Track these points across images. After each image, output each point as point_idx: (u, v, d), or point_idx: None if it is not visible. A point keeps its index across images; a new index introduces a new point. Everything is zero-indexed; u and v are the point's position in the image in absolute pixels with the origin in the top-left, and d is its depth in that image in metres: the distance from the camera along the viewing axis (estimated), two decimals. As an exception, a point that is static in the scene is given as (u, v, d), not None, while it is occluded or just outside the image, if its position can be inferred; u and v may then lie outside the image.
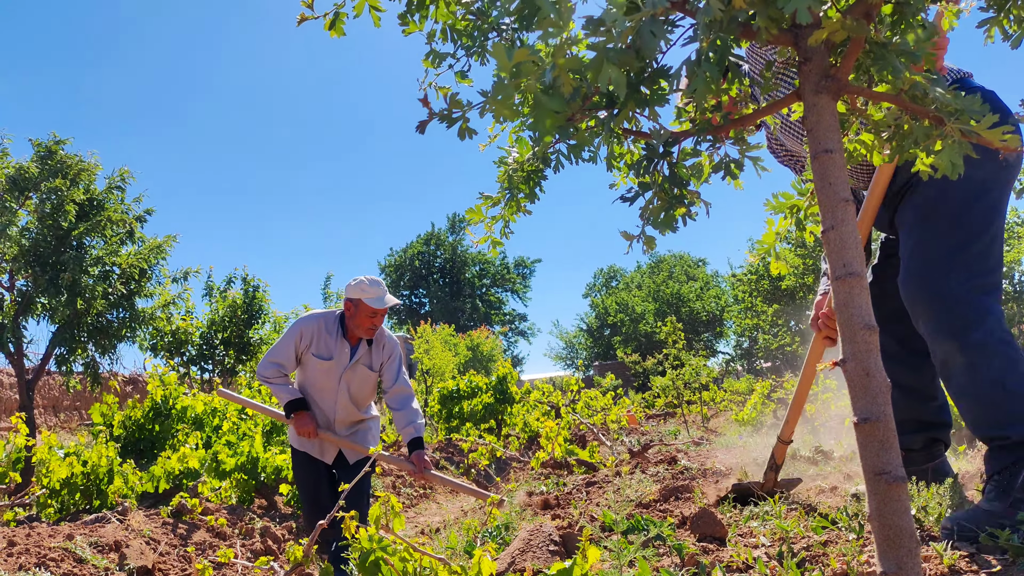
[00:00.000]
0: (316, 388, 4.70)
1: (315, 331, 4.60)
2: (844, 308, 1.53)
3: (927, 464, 3.54)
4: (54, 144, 8.52)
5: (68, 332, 8.50)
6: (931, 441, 3.55)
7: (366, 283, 4.54)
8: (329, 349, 4.61)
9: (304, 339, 4.59)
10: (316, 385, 4.69)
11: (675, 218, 1.82)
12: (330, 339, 4.62)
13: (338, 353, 4.63)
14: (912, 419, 3.51)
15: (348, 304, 4.57)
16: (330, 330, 4.63)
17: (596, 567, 2.95)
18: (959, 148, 1.62)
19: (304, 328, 4.61)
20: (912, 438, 3.56)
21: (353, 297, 4.53)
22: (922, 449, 3.56)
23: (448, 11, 1.93)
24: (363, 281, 4.54)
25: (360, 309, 4.54)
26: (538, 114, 1.51)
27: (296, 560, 2.32)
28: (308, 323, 4.63)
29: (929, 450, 3.56)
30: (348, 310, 4.58)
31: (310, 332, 4.60)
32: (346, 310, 4.59)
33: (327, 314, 4.70)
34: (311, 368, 4.64)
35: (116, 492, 6.25)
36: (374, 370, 4.79)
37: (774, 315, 34.10)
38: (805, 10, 1.33)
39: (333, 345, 4.62)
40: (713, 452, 8.28)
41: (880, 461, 1.47)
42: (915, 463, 3.51)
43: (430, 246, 58.82)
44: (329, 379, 4.66)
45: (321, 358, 4.59)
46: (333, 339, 4.62)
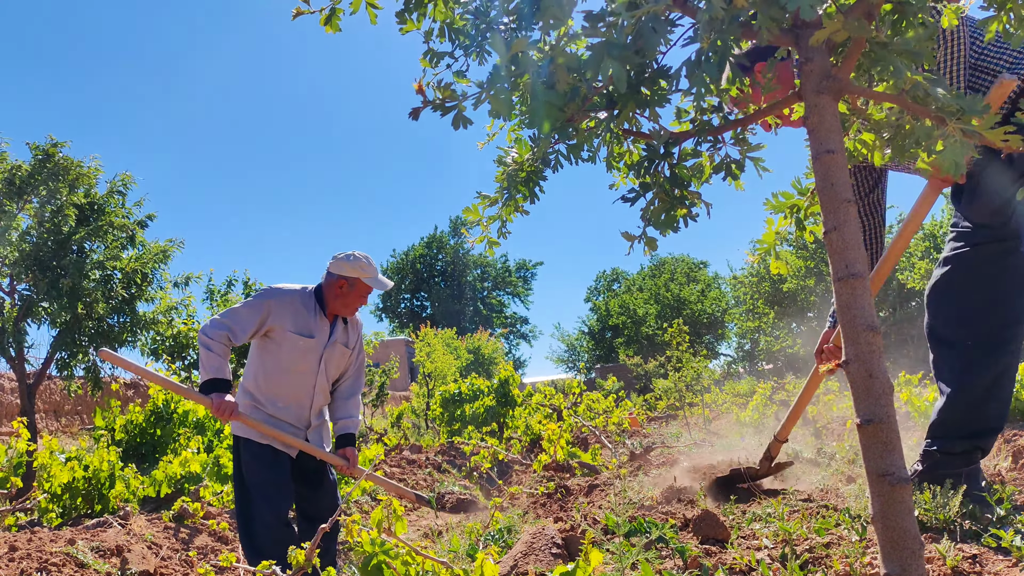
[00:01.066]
0: (293, 370, 4.14)
1: (288, 307, 4.11)
2: (847, 309, 1.52)
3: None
4: (51, 147, 8.51)
5: (69, 336, 8.50)
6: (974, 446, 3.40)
7: (363, 261, 4.13)
8: (309, 327, 4.13)
9: (274, 316, 4.07)
10: (293, 367, 4.13)
11: (676, 219, 1.81)
12: (308, 316, 4.14)
13: (318, 331, 4.16)
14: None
15: (341, 282, 4.12)
16: (307, 306, 4.16)
17: (599, 570, 2.94)
18: (961, 148, 1.61)
19: (275, 303, 4.09)
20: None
21: (349, 275, 4.10)
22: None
23: (447, 9, 1.92)
24: (359, 258, 4.13)
25: (356, 288, 4.14)
26: (535, 108, 1.50)
27: (297, 564, 2.31)
28: (281, 298, 4.11)
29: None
30: (339, 287, 4.12)
31: (282, 308, 4.09)
32: (336, 287, 4.13)
33: (300, 290, 4.20)
34: (288, 348, 4.09)
35: (118, 497, 6.24)
36: (349, 348, 4.35)
37: (775, 317, 34.09)
38: (808, 7, 1.32)
39: (312, 323, 4.15)
40: (715, 454, 8.27)
41: (883, 462, 1.46)
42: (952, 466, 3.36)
43: (432, 249, 58.83)
44: (309, 359, 4.15)
45: (302, 335, 4.09)
46: (312, 316, 4.15)
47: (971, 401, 3.30)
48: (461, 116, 1.72)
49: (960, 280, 3.33)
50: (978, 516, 2.98)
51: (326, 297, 4.18)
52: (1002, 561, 2.45)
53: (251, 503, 4.03)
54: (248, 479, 4.08)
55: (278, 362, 4.13)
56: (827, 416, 11.85)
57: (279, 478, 4.09)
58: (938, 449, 3.37)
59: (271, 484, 4.06)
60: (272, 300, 4.08)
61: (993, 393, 3.29)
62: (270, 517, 3.96)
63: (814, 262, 32.23)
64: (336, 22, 1.98)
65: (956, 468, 3.34)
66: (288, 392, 4.16)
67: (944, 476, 3.30)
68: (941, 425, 3.39)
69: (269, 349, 4.14)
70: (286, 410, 4.17)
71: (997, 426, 3.36)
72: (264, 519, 3.96)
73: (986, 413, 3.32)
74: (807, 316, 33.94)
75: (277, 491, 4.06)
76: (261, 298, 4.10)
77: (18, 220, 8.45)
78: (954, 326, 3.36)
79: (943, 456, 3.35)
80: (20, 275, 8.26)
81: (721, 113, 1.85)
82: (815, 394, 14.43)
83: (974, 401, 3.30)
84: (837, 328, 3.40)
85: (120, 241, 8.89)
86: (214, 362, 4.02)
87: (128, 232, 8.95)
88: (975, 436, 3.33)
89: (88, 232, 8.49)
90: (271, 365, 4.14)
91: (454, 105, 1.69)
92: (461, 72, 1.99)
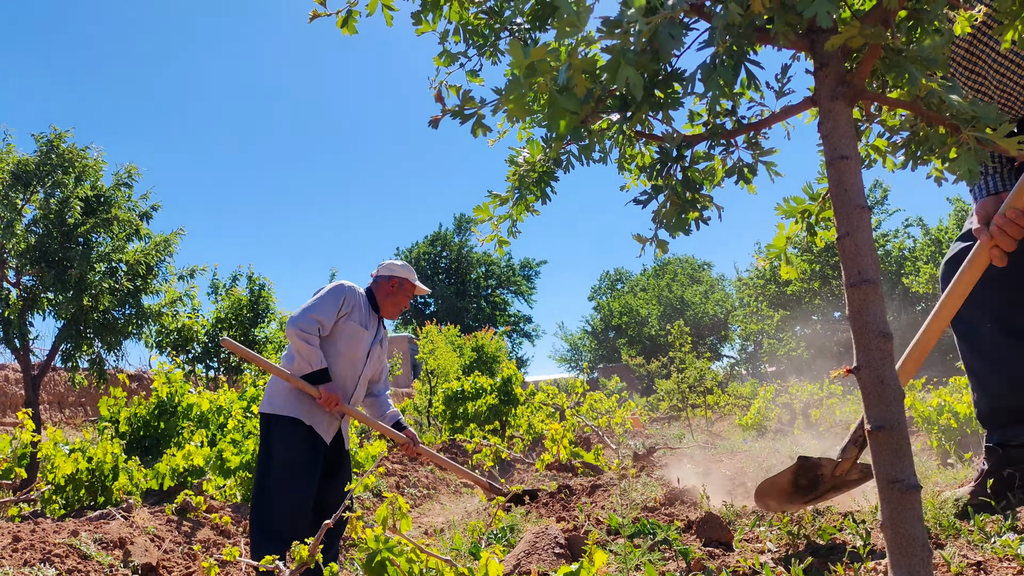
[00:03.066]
0: (347, 359, 4.47)
1: (356, 299, 4.50)
2: (859, 315, 1.52)
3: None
4: (55, 138, 8.50)
5: (74, 328, 8.51)
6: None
7: (410, 267, 4.68)
8: (366, 320, 4.53)
9: (347, 305, 4.44)
10: (348, 356, 4.47)
11: (688, 221, 1.81)
12: (366, 311, 4.57)
13: (371, 326, 4.57)
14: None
15: (394, 281, 4.62)
16: (366, 303, 4.59)
17: (602, 571, 2.95)
18: (975, 155, 1.61)
19: (348, 294, 4.46)
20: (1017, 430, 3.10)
21: (401, 276, 4.62)
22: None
23: (461, 9, 1.92)
24: (406, 264, 4.67)
25: (405, 289, 4.63)
26: (553, 113, 1.50)
27: (301, 559, 2.31)
28: (351, 290, 4.50)
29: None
30: (391, 287, 4.61)
31: (353, 299, 4.48)
32: (389, 287, 4.62)
33: (360, 288, 4.65)
34: (347, 336, 4.45)
35: (121, 489, 6.26)
36: (384, 351, 4.77)
37: (780, 320, 34.06)
38: (825, 14, 1.32)
39: (368, 318, 4.56)
40: (718, 456, 8.27)
41: (894, 469, 1.46)
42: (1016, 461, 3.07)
43: (436, 247, 58.84)
44: (361, 349, 4.52)
45: (362, 327, 4.48)
46: (368, 312, 4.58)
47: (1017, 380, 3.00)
48: (480, 123, 1.73)
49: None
50: None
51: (378, 297, 4.63)
52: (1008, 568, 2.44)
53: (275, 485, 4.16)
54: (279, 458, 4.21)
55: (335, 347, 4.42)
56: (830, 419, 11.87)
57: (314, 460, 4.29)
58: (998, 443, 3.10)
59: (304, 466, 4.23)
60: (347, 291, 4.44)
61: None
62: (292, 500, 4.12)
63: (819, 265, 32.23)
64: (353, 24, 1.98)
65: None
66: (339, 377, 4.44)
67: (1014, 475, 3.04)
68: (990, 415, 3.14)
69: (331, 335, 4.42)
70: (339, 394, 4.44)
71: None
72: (285, 502, 4.11)
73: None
74: (811, 319, 33.92)
75: (308, 473, 4.25)
76: (338, 290, 4.44)
77: (24, 211, 8.47)
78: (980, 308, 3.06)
79: (1007, 450, 3.06)
80: (25, 267, 8.28)
81: (734, 117, 1.85)
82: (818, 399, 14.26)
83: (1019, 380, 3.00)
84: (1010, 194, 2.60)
85: (125, 233, 8.90)
86: (315, 354, 4.27)
87: (133, 224, 8.95)
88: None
89: (94, 224, 8.50)
90: (329, 349, 4.41)
91: (473, 112, 1.69)
92: (474, 72, 1.99)
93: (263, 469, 4.25)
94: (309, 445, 4.29)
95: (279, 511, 4.09)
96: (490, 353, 21.59)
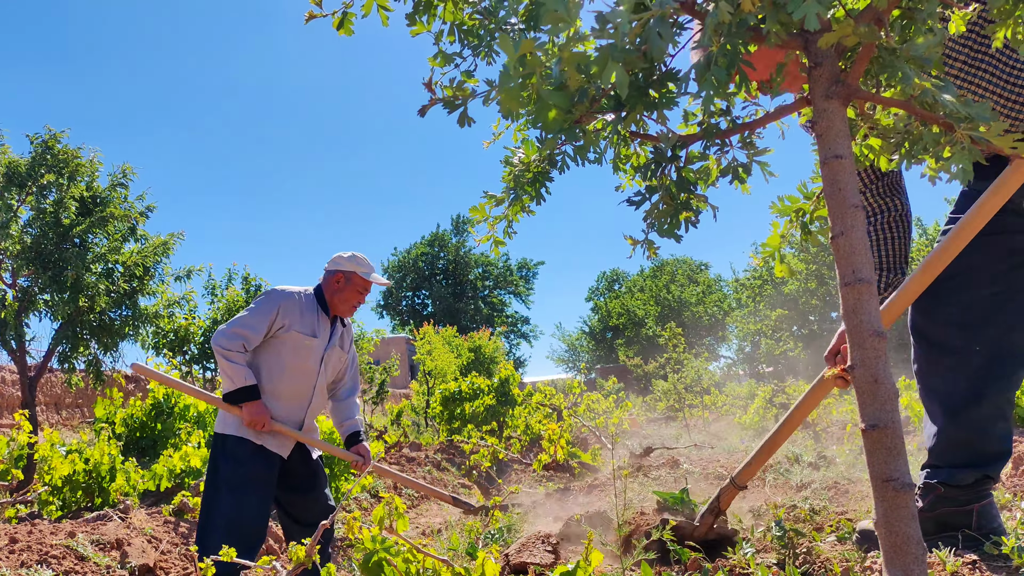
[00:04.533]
0: (295, 371, 4.16)
1: (295, 307, 4.15)
2: (853, 314, 1.52)
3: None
4: (50, 139, 8.48)
5: (70, 329, 8.49)
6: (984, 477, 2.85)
7: (359, 257, 4.25)
8: (313, 327, 4.19)
9: (283, 315, 4.10)
10: (296, 367, 4.16)
11: (679, 224, 1.81)
12: (312, 316, 4.20)
13: (321, 332, 4.23)
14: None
15: (338, 276, 4.22)
16: (310, 307, 4.22)
17: (599, 570, 2.95)
18: (969, 155, 1.62)
19: (284, 303, 4.12)
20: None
21: (346, 269, 4.21)
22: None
23: (456, 10, 1.92)
24: (355, 255, 4.25)
25: (352, 283, 4.21)
26: (541, 108, 1.50)
27: (298, 560, 2.31)
28: (287, 298, 4.15)
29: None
30: (336, 283, 4.22)
31: (290, 308, 4.13)
32: (333, 283, 4.23)
33: (301, 290, 4.27)
34: (291, 348, 4.13)
35: (118, 490, 6.25)
36: (345, 351, 4.43)
37: (777, 320, 34.09)
38: (814, 16, 1.32)
39: (316, 323, 4.21)
40: (715, 456, 8.27)
41: (888, 468, 1.47)
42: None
43: (434, 247, 58.82)
44: (311, 359, 4.19)
45: (308, 335, 4.14)
46: (315, 316, 4.22)
47: (978, 420, 2.77)
48: (465, 114, 1.73)
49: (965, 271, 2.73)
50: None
51: (326, 295, 4.25)
52: (1002, 568, 2.45)
53: (219, 501, 3.93)
54: (227, 476, 3.99)
55: (280, 361, 4.13)
56: (827, 420, 11.88)
57: (265, 479, 4.07)
58: (941, 482, 2.85)
59: (253, 482, 4.01)
60: (282, 301, 4.11)
61: (1004, 410, 2.78)
62: (232, 522, 3.87)
63: (816, 265, 32.26)
64: (349, 25, 1.98)
65: (965, 504, 2.83)
66: (288, 393, 4.17)
67: (950, 516, 2.84)
68: (941, 452, 2.86)
69: (272, 348, 4.14)
70: (284, 409, 4.16)
71: (1008, 448, 2.84)
72: (227, 516, 3.87)
73: (995, 433, 2.80)
74: (809, 319, 33.96)
75: (256, 494, 4.01)
76: (269, 300, 4.13)
77: (19, 212, 8.45)
78: (955, 328, 2.82)
79: (948, 490, 2.84)
80: (21, 268, 8.26)
81: (729, 117, 1.85)
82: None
83: (982, 420, 2.77)
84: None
85: (121, 233, 8.88)
86: (238, 371, 4.01)
87: (129, 224, 8.93)
88: (985, 463, 2.80)
89: (89, 224, 8.48)
90: (273, 364, 4.14)
91: (461, 103, 1.69)
92: (469, 72, 1.99)
93: (208, 492, 4.04)
94: (259, 462, 4.06)
95: (218, 535, 3.78)
96: (488, 354, 21.59)
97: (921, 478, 2.94)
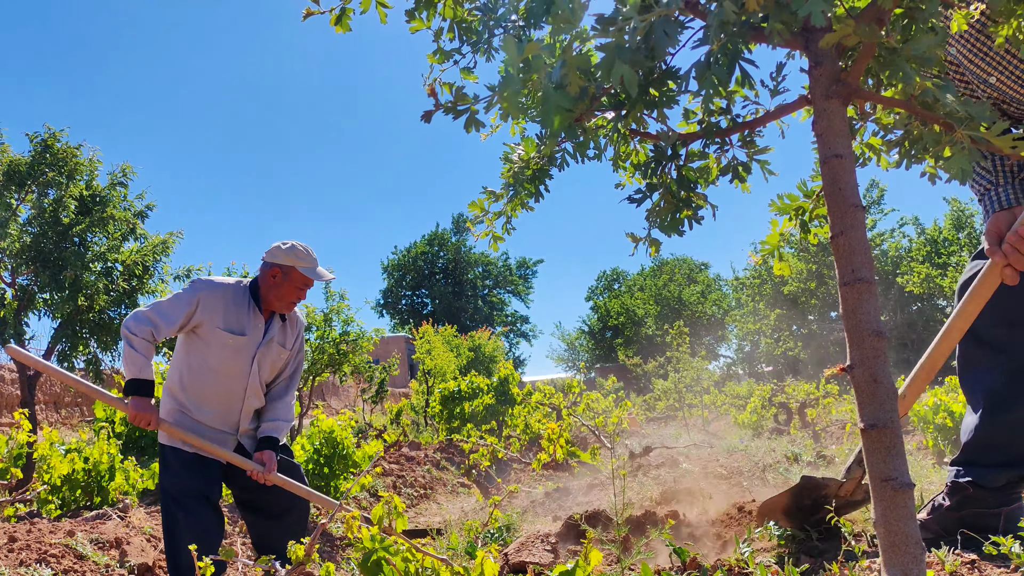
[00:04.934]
0: (221, 372, 3.80)
1: (219, 301, 3.78)
2: (852, 314, 1.52)
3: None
4: (50, 137, 8.48)
5: (70, 328, 8.49)
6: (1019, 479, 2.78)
7: (300, 249, 3.82)
8: (241, 323, 3.81)
9: (202, 310, 3.73)
10: (221, 368, 3.80)
11: (682, 221, 1.82)
12: (240, 312, 3.82)
13: (251, 329, 3.84)
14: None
15: (275, 270, 3.81)
16: (239, 302, 3.83)
17: (598, 569, 2.95)
18: (968, 154, 1.62)
19: (205, 296, 3.74)
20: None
21: (283, 263, 3.79)
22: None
23: (455, 6, 1.92)
24: (295, 246, 3.82)
25: (291, 278, 3.82)
26: (547, 110, 1.50)
27: (297, 559, 2.31)
28: (211, 291, 3.78)
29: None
30: (272, 277, 3.82)
31: (212, 302, 3.75)
32: (269, 277, 3.82)
33: (232, 283, 3.88)
34: (216, 346, 3.77)
35: (117, 489, 6.25)
36: (287, 348, 4.02)
37: (777, 320, 34.11)
38: (819, 13, 1.32)
39: (245, 319, 3.82)
40: (715, 455, 8.28)
41: (887, 467, 1.46)
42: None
43: (433, 246, 58.82)
44: (240, 359, 3.82)
45: (233, 332, 3.77)
46: (245, 312, 3.83)
47: (1017, 421, 2.68)
48: (473, 119, 1.72)
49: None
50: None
51: (261, 290, 3.88)
52: (1001, 567, 2.45)
53: (175, 517, 3.68)
54: (171, 489, 3.74)
55: (205, 361, 3.81)
56: (826, 419, 11.88)
57: (206, 487, 3.78)
58: (973, 481, 2.77)
59: (194, 494, 3.73)
60: (203, 292, 3.76)
61: None
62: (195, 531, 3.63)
63: (815, 264, 32.28)
64: (347, 22, 1.98)
65: (994, 507, 2.75)
66: (216, 395, 3.84)
67: (977, 517, 2.76)
68: (975, 449, 2.79)
69: (195, 347, 3.82)
70: (214, 414, 3.85)
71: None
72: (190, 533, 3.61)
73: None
74: (808, 319, 33.97)
75: (200, 502, 3.74)
76: (191, 290, 3.78)
77: (19, 211, 8.45)
78: (1005, 326, 2.72)
79: (977, 491, 2.76)
80: (21, 267, 8.26)
81: (729, 115, 1.85)
82: (815, 398, 14.26)
83: (1020, 422, 2.68)
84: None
85: (121, 232, 8.87)
86: (136, 361, 3.66)
87: (129, 223, 8.93)
88: (1020, 464, 2.72)
89: (89, 223, 8.48)
90: (197, 365, 3.82)
91: (466, 108, 1.69)
92: (468, 69, 1.99)
93: (162, 502, 3.80)
94: (197, 470, 3.76)
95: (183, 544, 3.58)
96: (487, 353, 21.61)
97: (950, 476, 2.87)
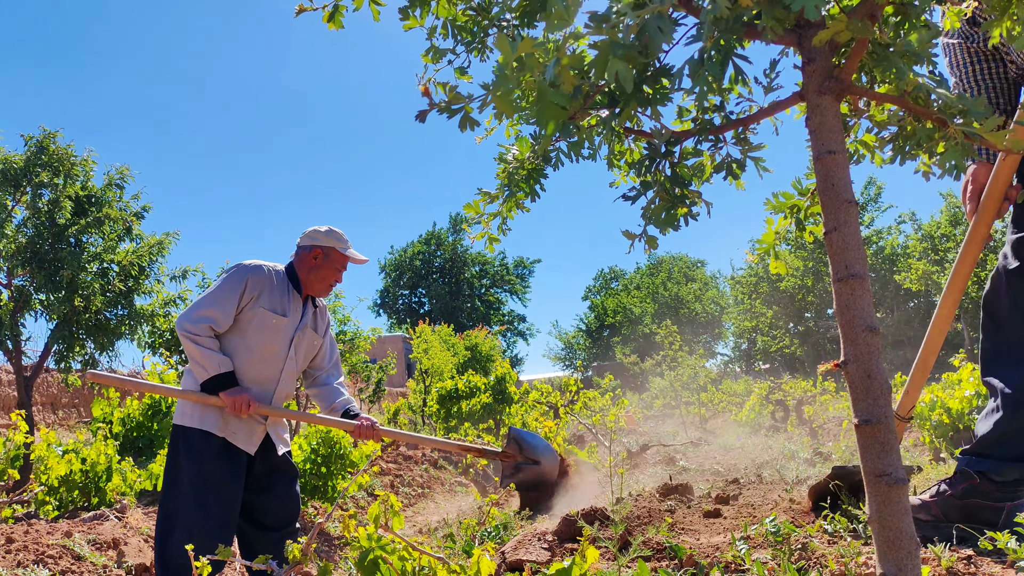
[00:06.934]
0: (261, 353, 3.76)
1: (266, 282, 3.75)
2: (846, 310, 1.52)
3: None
4: (45, 138, 8.46)
5: (66, 329, 8.48)
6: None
7: (338, 231, 3.89)
8: (284, 305, 3.79)
9: (251, 290, 3.70)
10: (262, 349, 3.76)
11: (677, 217, 1.82)
12: (283, 294, 3.82)
13: (291, 311, 3.82)
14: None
15: (316, 251, 3.83)
16: (280, 284, 3.82)
17: (595, 567, 2.95)
18: (962, 150, 1.62)
19: (252, 277, 3.72)
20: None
21: (324, 245, 3.83)
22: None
23: (449, 6, 1.92)
24: (333, 229, 3.88)
25: (331, 259, 3.84)
26: (542, 110, 1.50)
27: (295, 558, 2.31)
28: (256, 272, 3.75)
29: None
30: (313, 259, 3.83)
31: (259, 283, 3.72)
32: (310, 259, 3.83)
33: (272, 265, 3.88)
34: (257, 326, 3.72)
35: (115, 490, 6.25)
36: (319, 334, 4.02)
37: (773, 317, 34.16)
38: (813, 7, 1.32)
39: (287, 301, 3.81)
40: (711, 453, 8.29)
41: (881, 463, 1.47)
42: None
43: (430, 246, 58.80)
44: (280, 341, 3.79)
45: (276, 313, 3.74)
46: (286, 294, 3.82)
47: None
48: (468, 118, 1.72)
49: None
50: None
51: (299, 273, 3.87)
52: (997, 563, 2.46)
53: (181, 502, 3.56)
54: (189, 474, 3.59)
55: (244, 341, 3.74)
56: (823, 416, 11.90)
57: (231, 478, 3.66)
58: (980, 471, 2.74)
59: (216, 485, 3.60)
60: (250, 275, 3.73)
61: None
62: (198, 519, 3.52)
63: (812, 262, 32.33)
64: (339, 19, 1.98)
65: (998, 500, 2.71)
66: (253, 375, 3.78)
67: (979, 509, 2.74)
68: (997, 442, 2.72)
69: (237, 327, 3.74)
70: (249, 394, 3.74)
71: None
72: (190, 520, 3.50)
73: None
74: (804, 316, 34.02)
75: (220, 495, 3.61)
76: (238, 274, 3.73)
77: (14, 212, 8.43)
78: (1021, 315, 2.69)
79: (984, 482, 2.73)
80: (16, 268, 8.24)
81: (723, 112, 1.85)
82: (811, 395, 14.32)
83: None
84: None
85: (117, 233, 8.86)
86: (210, 358, 3.61)
87: (125, 224, 8.92)
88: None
89: (85, 224, 8.47)
90: (236, 344, 3.75)
91: (460, 107, 1.69)
92: (462, 69, 1.99)
93: (167, 492, 3.64)
94: (224, 461, 3.65)
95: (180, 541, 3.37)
96: (484, 352, 21.60)
97: (960, 463, 2.84)
